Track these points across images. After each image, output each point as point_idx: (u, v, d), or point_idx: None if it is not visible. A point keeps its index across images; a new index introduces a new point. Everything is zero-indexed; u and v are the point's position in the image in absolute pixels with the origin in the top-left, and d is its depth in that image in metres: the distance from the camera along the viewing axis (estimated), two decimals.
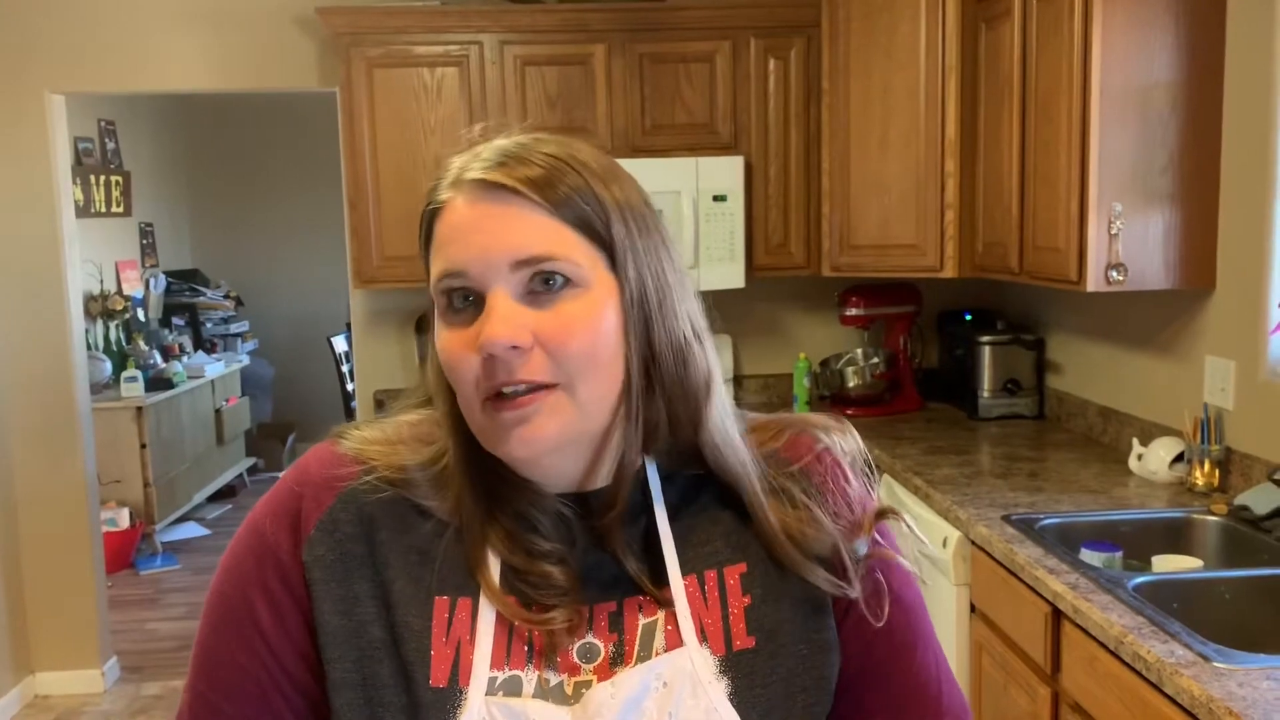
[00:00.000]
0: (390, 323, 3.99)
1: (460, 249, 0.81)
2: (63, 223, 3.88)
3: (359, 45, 3.53)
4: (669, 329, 0.84)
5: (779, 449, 0.92)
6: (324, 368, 7.12)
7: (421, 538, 0.86)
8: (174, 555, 5.70)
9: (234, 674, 0.85)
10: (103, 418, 5.04)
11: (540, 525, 0.85)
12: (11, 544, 3.91)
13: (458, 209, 0.82)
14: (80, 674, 4.04)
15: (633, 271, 0.83)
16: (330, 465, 0.88)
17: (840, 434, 0.94)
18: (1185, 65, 2.56)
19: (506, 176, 0.80)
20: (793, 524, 0.87)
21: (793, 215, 3.70)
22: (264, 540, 0.87)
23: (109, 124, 6.30)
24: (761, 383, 4.07)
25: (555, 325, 0.79)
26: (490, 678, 0.82)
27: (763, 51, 3.61)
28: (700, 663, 0.83)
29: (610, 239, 0.82)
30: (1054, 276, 2.76)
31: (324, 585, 0.84)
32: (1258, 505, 2.30)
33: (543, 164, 0.81)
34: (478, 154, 0.84)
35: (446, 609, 0.84)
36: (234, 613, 0.86)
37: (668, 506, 0.88)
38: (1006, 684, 2.31)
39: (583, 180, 0.82)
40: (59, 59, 3.79)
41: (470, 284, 0.80)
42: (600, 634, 0.84)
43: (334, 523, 0.85)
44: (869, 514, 0.90)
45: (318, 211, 7.35)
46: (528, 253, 0.79)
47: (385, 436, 0.90)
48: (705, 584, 0.86)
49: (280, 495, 0.88)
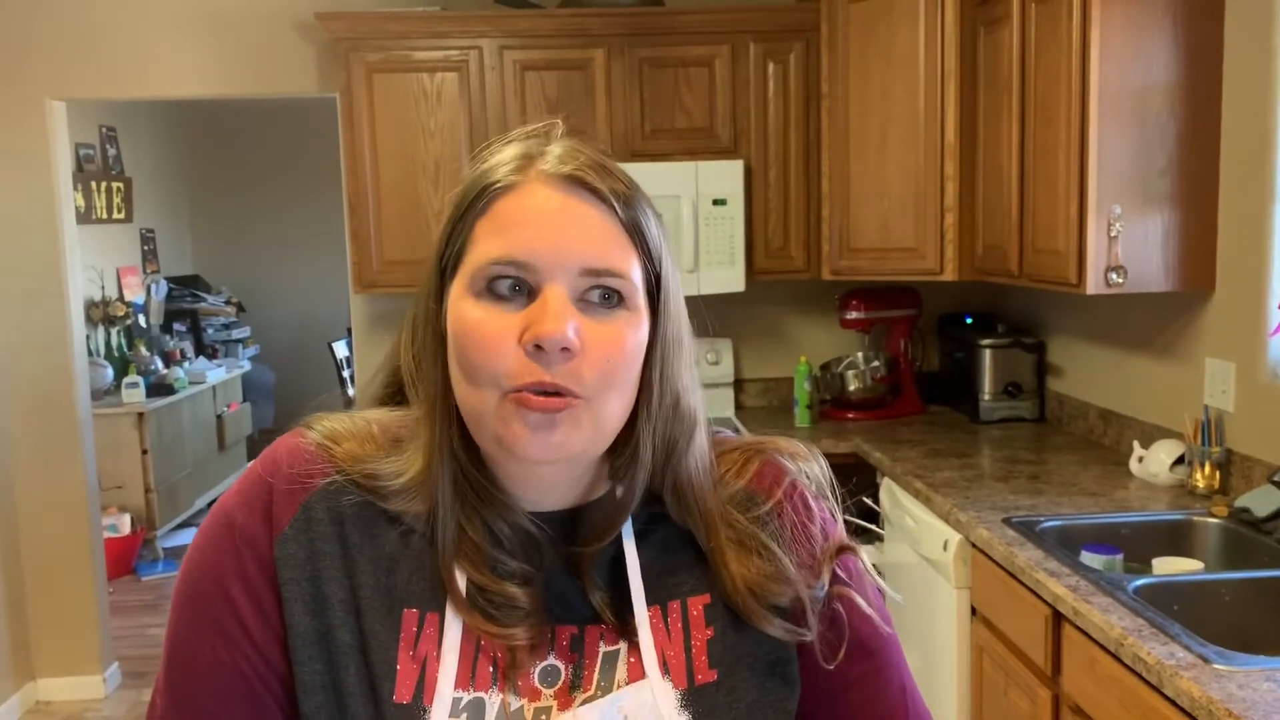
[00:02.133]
0: (391, 327, 3.98)
1: (532, 236, 0.78)
2: (64, 229, 3.88)
3: (359, 50, 3.53)
4: (676, 371, 0.85)
5: (747, 484, 0.90)
6: (325, 373, 7.13)
7: (391, 545, 0.84)
8: (175, 561, 5.69)
9: (216, 670, 0.82)
10: (104, 424, 5.04)
11: (507, 540, 0.84)
12: (13, 550, 3.91)
13: (534, 194, 0.80)
14: (81, 680, 4.04)
15: (672, 306, 0.84)
16: (301, 462, 0.85)
17: (806, 460, 0.93)
18: (1184, 67, 2.56)
19: (597, 179, 0.80)
20: (753, 577, 0.86)
21: (792, 219, 3.70)
22: (239, 532, 0.83)
23: (110, 130, 6.31)
24: (762, 386, 4.07)
25: (603, 339, 0.79)
26: (455, 698, 0.80)
27: (762, 56, 3.62)
28: (662, 696, 0.82)
29: (660, 272, 0.83)
30: (1054, 279, 2.76)
31: (294, 584, 0.82)
32: (1258, 507, 2.30)
33: (626, 182, 0.83)
34: (546, 148, 0.83)
35: (415, 622, 0.82)
36: (212, 607, 0.83)
37: (635, 529, 0.87)
38: (1007, 686, 2.31)
39: (649, 210, 0.83)
40: (60, 65, 3.80)
41: (529, 275, 0.78)
42: (561, 654, 0.84)
43: (306, 522, 0.83)
44: (829, 549, 0.89)
45: (318, 216, 7.36)
46: (602, 263, 0.79)
47: (353, 431, 0.86)
48: (669, 615, 0.86)
49: (252, 486, 0.85)
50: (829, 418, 3.79)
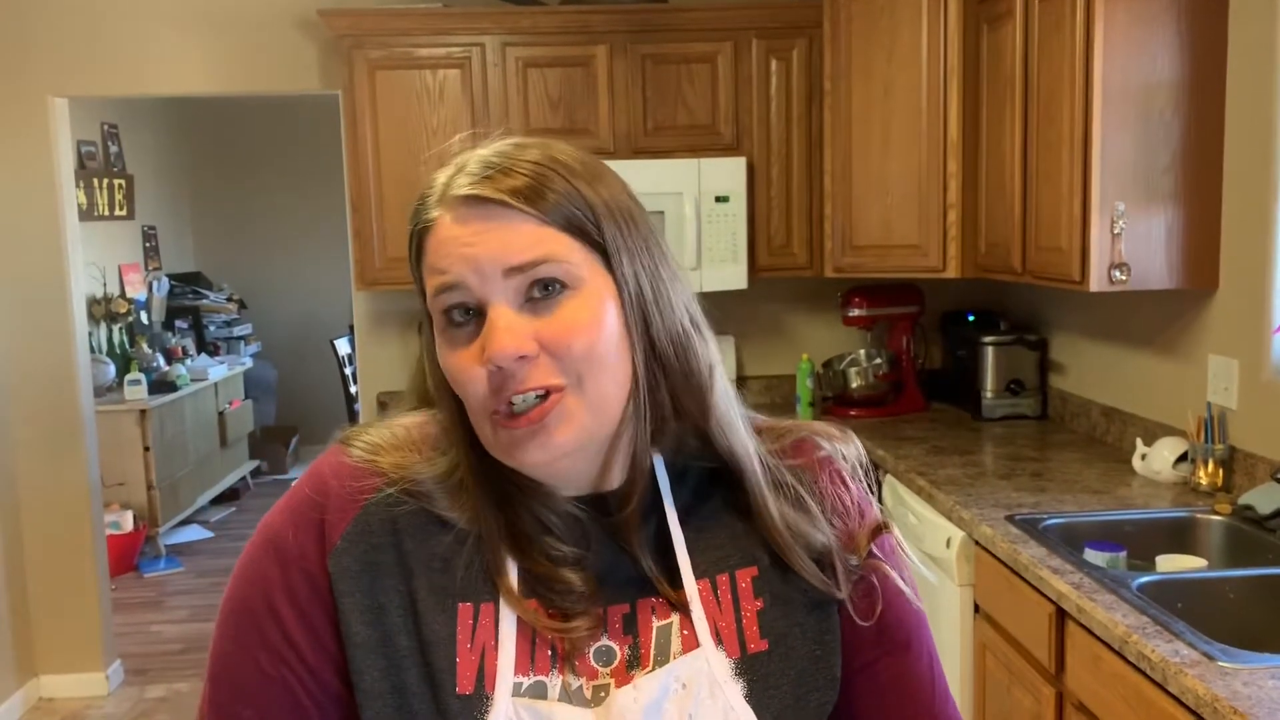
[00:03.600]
0: (393, 324, 3.99)
1: (452, 264, 0.80)
2: (66, 226, 3.88)
3: (361, 47, 3.53)
4: (667, 322, 0.85)
5: (782, 449, 0.92)
6: (327, 370, 7.13)
7: (444, 546, 0.85)
8: (177, 558, 5.70)
9: (260, 682, 0.84)
10: (106, 421, 5.04)
11: (555, 528, 0.86)
12: (15, 547, 3.91)
13: (446, 226, 0.81)
14: (84, 677, 4.04)
15: (627, 269, 0.83)
16: (348, 477, 0.87)
17: (842, 442, 0.94)
18: (1187, 64, 2.56)
19: (493, 190, 0.80)
20: (791, 517, 0.88)
21: (795, 216, 3.70)
22: (287, 550, 0.85)
23: (112, 127, 6.31)
24: (764, 384, 4.07)
25: (557, 329, 0.80)
26: (516, 683, 0.82)
27: (765, 52, 3.61)
28: (717, 664, 0.84)
29: (602, 239, 0.82)
30: (1057, 276, 2.76)
31: (350, 596, 0.83)
32: (1262, 505, 2.29)
33: (527, 172, 0.81)
34: (462, 167, 0.83)
35: (470, 615, 0.84)
36: (257, 620, 0.85)
37: (678, 508, 0.89)
38: (1010, 684, 2.31)
39: (569, 184, 0.82)
40: (62, 62, 3.79)
41: (467, 298, 0.80)
42: (615, 637, 0.85)
43: (360, 534, 0.85)
44: (865, 529, 0.90)
45: (320, 214, 7.36)
46: (520, 259, 0.79)
47: (394, 441, 0.89)
48: (718, 588, 0.87)
49: (300, 505, 0.87)
50: (831, 415, 3.79)
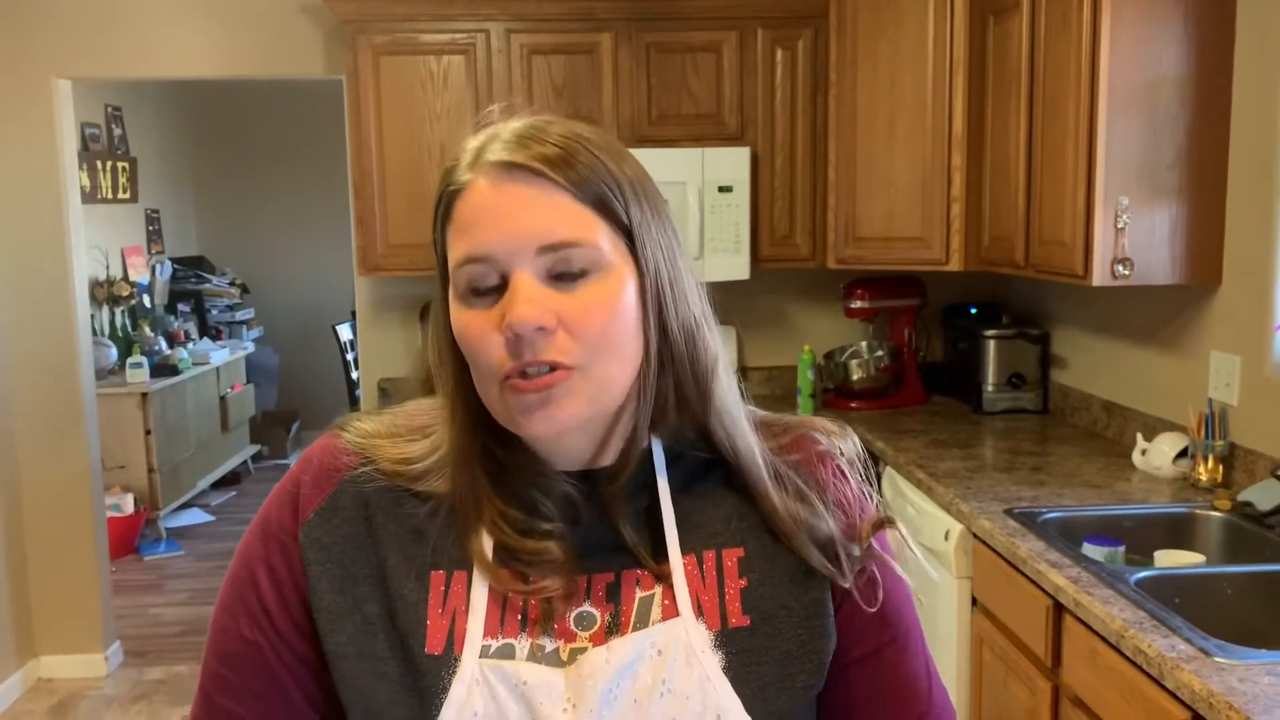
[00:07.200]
0: (395, 310, 3.99)
1: (485, 232, 0.81)
2: (69, 208, 3.88)
3: (365, 32, 3.52)
4: (681, 310, 0.86)
5: (781, 445, 0.93)
6: (329, 355, 7.13)
7: (417, 519, 0.88)
8: (177, 541, 5.71)
9: (241, 647, 0.89)
10: (108, 403, 5.05)
11: (543, 507, 0.87)
12: (16, 528, 3.92)
13: (480, 190, 0.82)
14: (83, 658, 4.06)
15: (650, 254, 0.84)
16: (329, 457, 0.91)
17: (841, 438, 0.95)
18: (1194, 60, 2.55)
19: (528, 157, 0.81)
20: (793, 507, 0.89)
21: (798, 207, 3.70)
22: (269, 524, 0.91)
23: (116, 110, 6.31)
24: (766, 375, 4.07)
25: (578, 307, 0.81)
26: (484, 645, 0.83)
27: (770, 42, 3.61)
28: (695, 634, 0.84)
29: (629, 222, 0.83)
30: (1060, 270, 2.75)
31: (320, 565, 0.87)
32: (1261, 501, 2.30)
33: (559, 144, 0.82)
34: (495, 135, 0.84)
35: (443, 582, 0.86)
36: (240, 588, 0.90)
37: (673, 488, 0.90)
38: (1007, 677, 2.32)
39: (597, 159, 0.83)
40: (66, 45, 3.79)
41: (495, 268, 0.81)
42: (597, 604, 0.86)
43: (333, 509, 0.88)
44: (867, 523, 0.91)
45: (323, 199, 7.36)
46: (555, 238, 0.80)
47: (385, 429, 0.92)
48: (704, 563, 0.88)
49: (285, 484, 0.92)
50: (832, 407, 3.79)
